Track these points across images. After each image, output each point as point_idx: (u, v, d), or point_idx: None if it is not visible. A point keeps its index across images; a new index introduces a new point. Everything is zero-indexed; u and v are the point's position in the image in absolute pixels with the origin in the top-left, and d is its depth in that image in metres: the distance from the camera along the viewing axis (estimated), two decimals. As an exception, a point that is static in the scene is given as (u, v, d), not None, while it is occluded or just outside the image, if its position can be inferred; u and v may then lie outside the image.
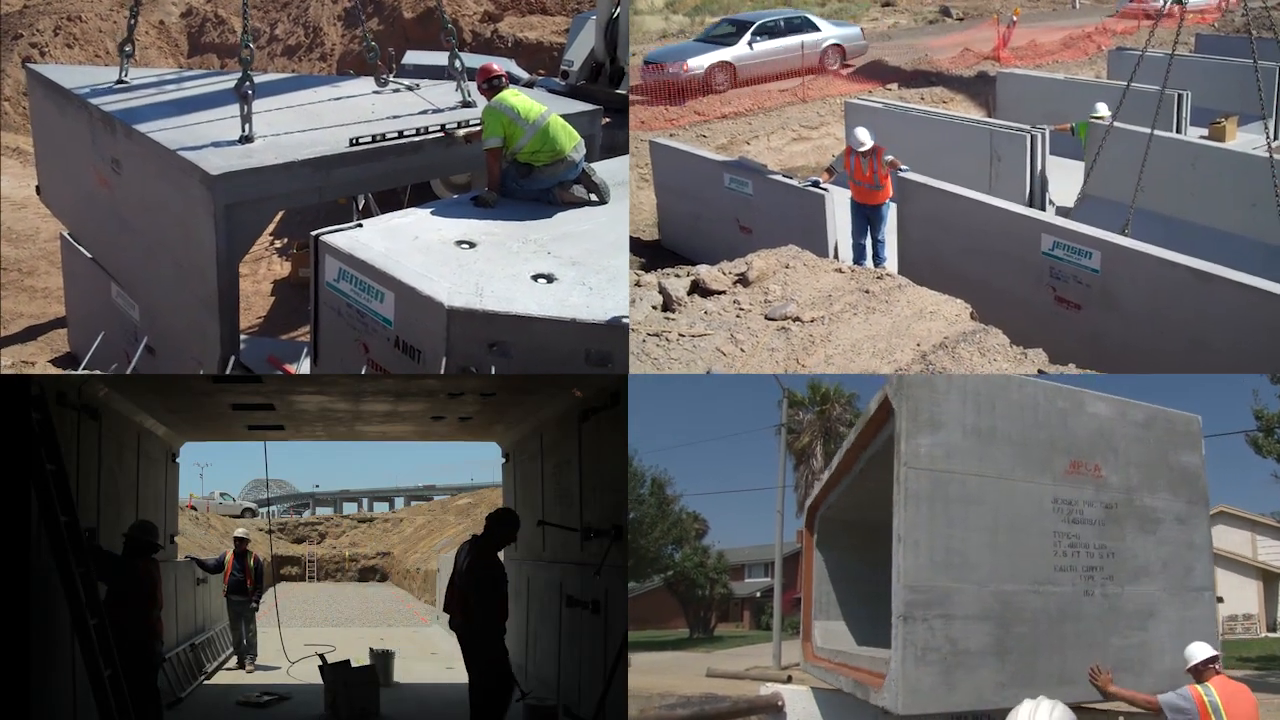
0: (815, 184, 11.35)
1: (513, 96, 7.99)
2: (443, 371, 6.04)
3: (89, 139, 8.97)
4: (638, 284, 7.90)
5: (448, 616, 7.05)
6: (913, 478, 4.72)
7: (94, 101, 8.86)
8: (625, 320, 6.17)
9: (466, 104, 9.54)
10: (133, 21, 9.71)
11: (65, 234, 10.75)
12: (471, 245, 6.91)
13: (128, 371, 8.73)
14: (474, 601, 6.71)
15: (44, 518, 5.11)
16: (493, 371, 6.06)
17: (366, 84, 10.28)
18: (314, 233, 6.93)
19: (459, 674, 6.86)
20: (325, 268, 6.85)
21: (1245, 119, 14.38)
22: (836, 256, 10.79)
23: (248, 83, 7.80)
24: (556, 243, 7.10)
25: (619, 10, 12.45)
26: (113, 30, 23.16)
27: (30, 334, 11.83)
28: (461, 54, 10.17)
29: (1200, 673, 5.34)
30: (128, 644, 5.71)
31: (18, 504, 5.09)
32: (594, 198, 7.86)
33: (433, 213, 7.49)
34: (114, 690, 5.06)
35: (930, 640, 4.62)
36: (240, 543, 11.86)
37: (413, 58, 14.85)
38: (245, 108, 7.88)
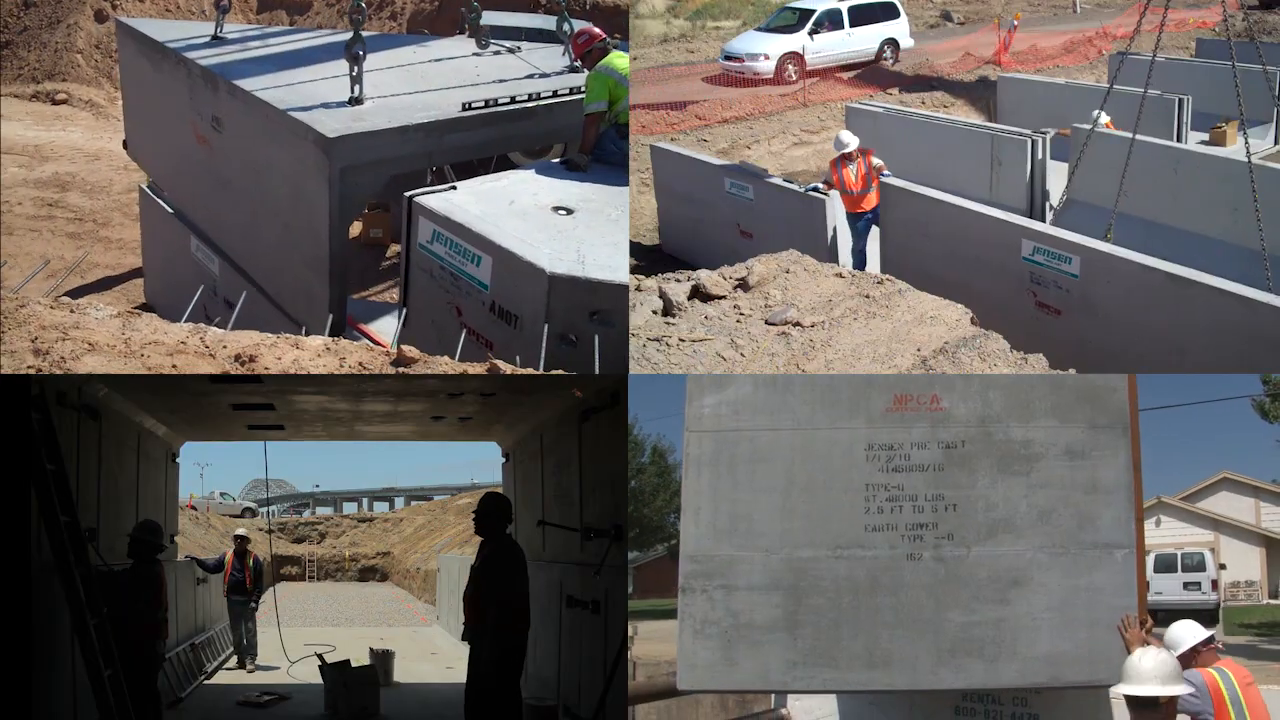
0: (815, 189, 11.38)
1: (619, 59, 7.93)
2: (544, 340, 5.88)
3: (187, 95, 8.79)
4: (638, 288, 7.91)
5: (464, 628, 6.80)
6: (694, 442, 4.50)
7: (193, 57, 8.65)
8: None
9: (574, 69, 9.24)
10: None
11: (144, 186, 10.67)
12: (569, 211, 6.78)
13: (184, 316, 8.52)
14: (484, 588, 6.49)
15: (44, 518, 5.13)
16: (595, 342, 5.87)
17: (466, 45, 10.07)
18: (407, 194, 6.83)
19: (459, 674, 6.85)
20: (418, 229, 6.74)
21: (1247, 123, 14.39)
22: (837, 261, 10.81)
23: (359, 44, 7.62)
24: None
25: None
26: None
27: (106, 284, 11.96)
28: (534, 14, 10.06)
29: (1190, 661, 4.73)
30: (128, 644, 5.72)
31: (18, 504, 5.10)
32: None
33: (526, 177, 7.37)
34: (114, 690, 5.07)
35: (710, 613, 4.39)
36: (241, 542, 11.87)
37: (490, 18, 14.82)
38: (356, 69, 7.70)
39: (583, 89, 8.13)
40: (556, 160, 7.84)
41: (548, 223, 6.58)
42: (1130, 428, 4.51)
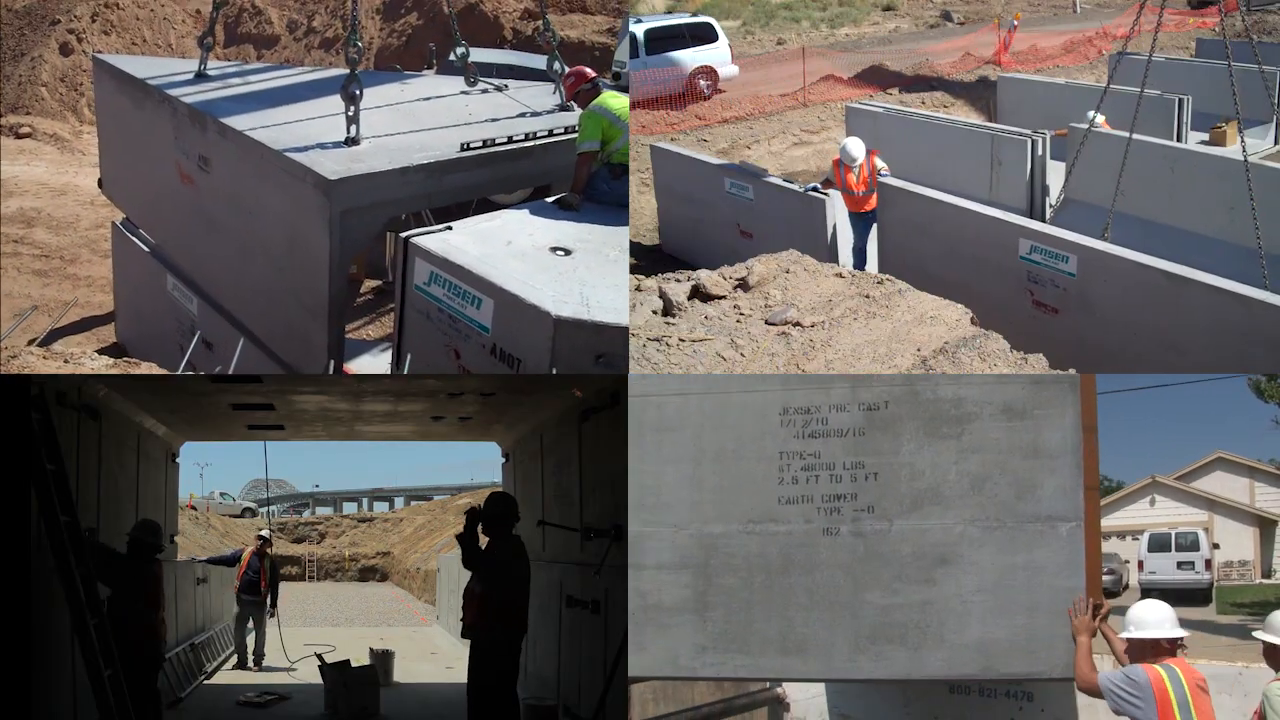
0: (815, 189, 11.38)
1: (613, 99, 7.90)
2: None
3: (171, 134, 8.62)
4: (638, 288, 7.91)
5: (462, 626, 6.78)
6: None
7: (178, 95, 8.49)
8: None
9: (564, 108, 9.20)
10: (214, 14, 9.47)
11: (117, 223, 10.42)
12: (567, 252, 6.70)
13: (181, 366, 8.33)
14: (489, 584, 6.54)
15: (44, 518, 5.13)
16: None
17: (453, 82, 9.98)
18: (403, 235, 6.71)
19: (459, 674, 6.87)
20: (415, 270, 6.61)
21: (1246, 124, 14.39)
22: (837, 261, 10.81)
23: (356, 83, 7.52)
24: None
25: None
26: (149, 18, 23.00)
27: (77, 324, 11.66)
28: (516, 51, 9.94)
29: (1144, 653, 4.08)
30: (128, 644, 5.72)
31: (18, 504, 5.10)
32: None
33: (521, 218, 7.27)
34: (114, 690, 5.07)
35: None
36: (263, 543, 11.84)
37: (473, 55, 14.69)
38: (353, 109, 7.58)
39: (576, 128, 8.10)
40: (549, 200, 7.75)
41: (547, 264, 6.49)
42: (1089, 425, 4.04)
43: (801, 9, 30.10)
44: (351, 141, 7.60)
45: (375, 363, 8.40)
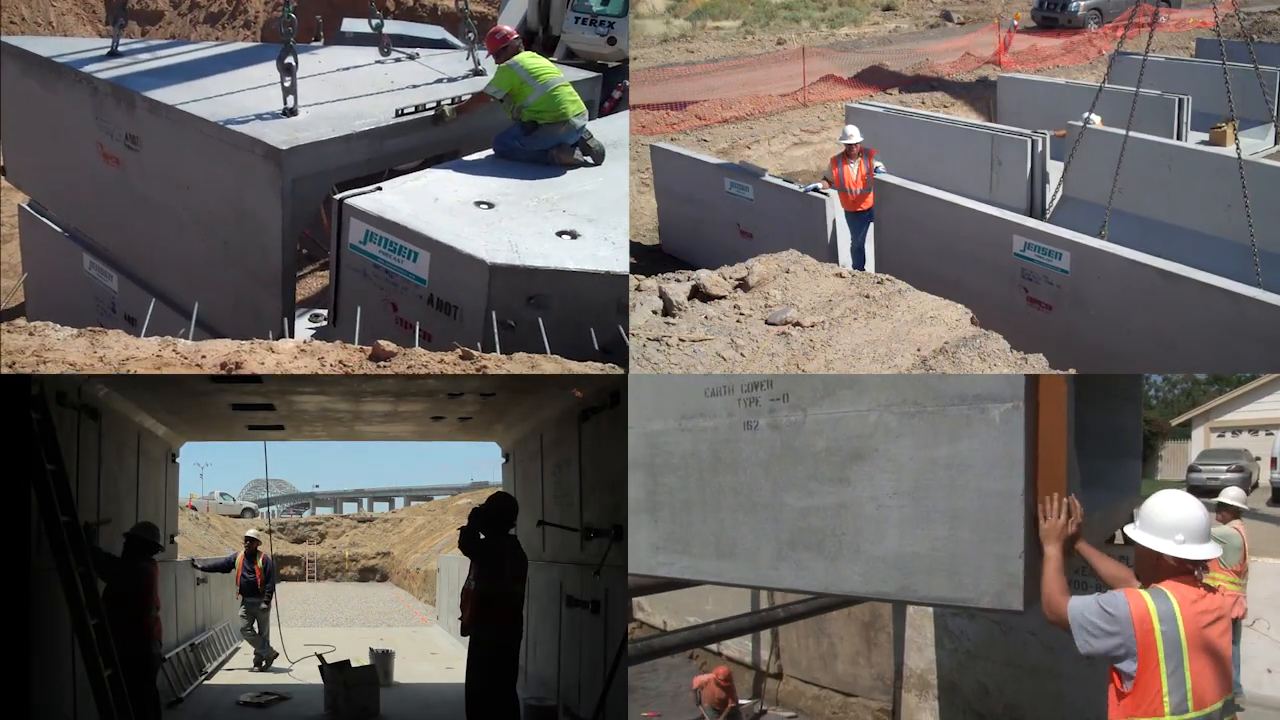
0: (815, 189, 11.38)
1: (529, 59, 8.27)
2: (494, 326, 6.12)
3: (91, 114, 8.53)
4: (638, 288, 7.91)
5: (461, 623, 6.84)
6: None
7: (98, 74, 8.39)
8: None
9: (477, 72, 9.49)
10: None
11: (24, 205, 10.24)
12: (490, 205, 7.07)
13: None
14: (485, 583, 6.59)
15: (44, 518, 5.13)
16: (540, 323, 6.16)
17: (357, 54, 10.09)
18: (336, 196, 6.96)
19: (459, 674, 6.87)
20: (350, 230, 6.87)
21: (1246, 124, 14.40)
22: (837, 261, 10.81)
23: (290, 56, 7.70)
24: (568, 201, 7.34)
25: None
26: None
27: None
28: (385, 20, 10.13)
29: (1150, 568, 3.29)
30: (126, 644, 5.72)
31: (18, 504, 5.10)
32: (590, 160, 8.17)
33: (442, 176, 7.59)
34: (114, 690, 5.07)
35: None
36: (251, 543, 11.88)
37: (351, 25, 14.65)
38: (289, 80, 7.75)
39: (465, 97, 8.58)
40: (469, 158, 8.07)
41: (475, 217, 6.84)
42: (1064, 422, 3.38)
43: (801, 9, 30.08)
44: (290, 112, 7.79)
45: (310, 326, 8.45)
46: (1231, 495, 7.84)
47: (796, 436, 3.45)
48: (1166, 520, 3.27)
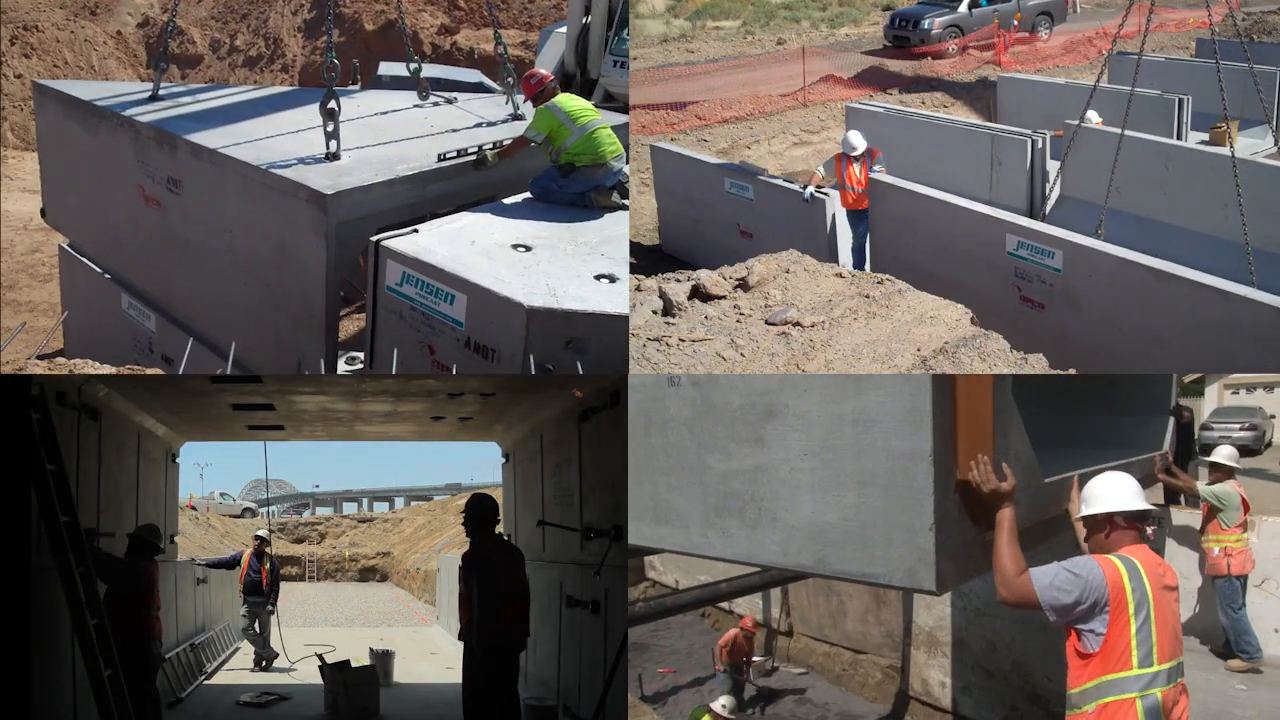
0: (813, 196, 11.37)
1: (568, 101, 8.22)
2: (521, 370, 6.14)
3: (133, 157, 8.61)
4: (638, 288, 7.91)
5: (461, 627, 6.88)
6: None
7: (140, 118, 8.50)
8: None
9: (516, 116, 9.45)
10: (168, 39, 9.50)
11: (64, 246, 10.37)
12: (527, 248, 7.02)
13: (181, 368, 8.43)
14: (470, 586, 6.62)
15: (44, 518, 5.13)
16: (579, 368, 6.19)
17: (394, 98, 10.10)
18: (374, 238, 6.92)
19: (459, 674, 6.88)
20: (387, 272, 6.84)
21: (1246, 124, 14.41)
22: (837, 261, 10.82)
23: (333, 101, 7.69)
24: (606, 245, 7.30)
25: (590, 20, 12.39)
26: (70, 40, 22.77)
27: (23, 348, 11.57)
28: (423, 64, 10.14)
29: (1103, 537, 3.44)
30: (126, 644, 5.72)
31: (18, 504, 5.11)
32: (626, 204, 8.13)
33: (479, 219, 7.55)
34: (114, 690, 5.07)
35: None
36: (260, 543, 11.87)
37: (387, 69, 14.67)
38: (332, 125, 7.75)
39: (505, 142, 8.46)
40: (506, 201, 8.03)
41: (511, 260, 6.81)
42: (989, 378, 3.23)
43: (801, 9, 30.08)
44: (332, 156, 7.77)
45: (345, 369, 8.48)
46: (1224, 455, 7.82)
47: (713, 392, 3.34)
48: (1104, 492, 3.48)
